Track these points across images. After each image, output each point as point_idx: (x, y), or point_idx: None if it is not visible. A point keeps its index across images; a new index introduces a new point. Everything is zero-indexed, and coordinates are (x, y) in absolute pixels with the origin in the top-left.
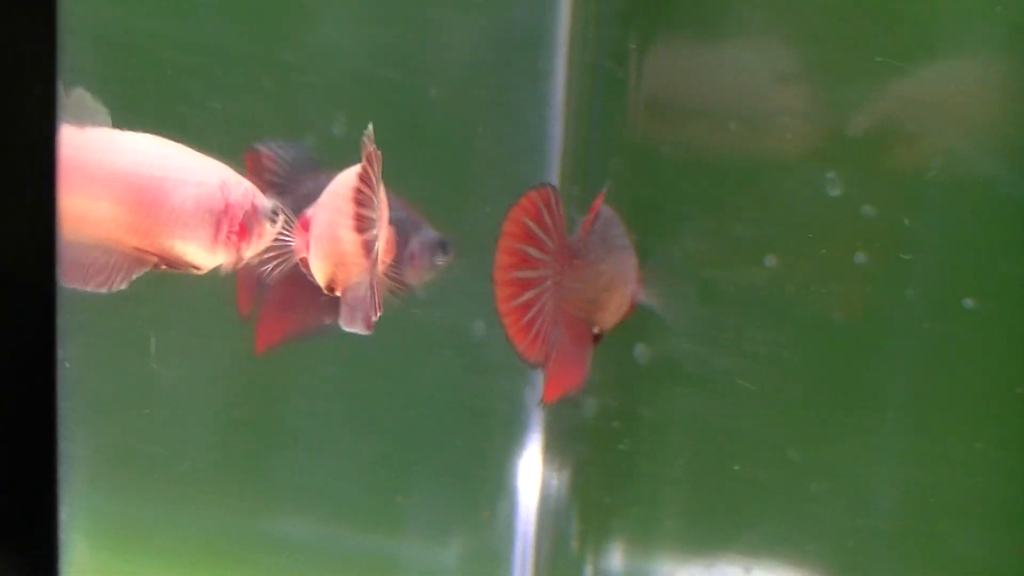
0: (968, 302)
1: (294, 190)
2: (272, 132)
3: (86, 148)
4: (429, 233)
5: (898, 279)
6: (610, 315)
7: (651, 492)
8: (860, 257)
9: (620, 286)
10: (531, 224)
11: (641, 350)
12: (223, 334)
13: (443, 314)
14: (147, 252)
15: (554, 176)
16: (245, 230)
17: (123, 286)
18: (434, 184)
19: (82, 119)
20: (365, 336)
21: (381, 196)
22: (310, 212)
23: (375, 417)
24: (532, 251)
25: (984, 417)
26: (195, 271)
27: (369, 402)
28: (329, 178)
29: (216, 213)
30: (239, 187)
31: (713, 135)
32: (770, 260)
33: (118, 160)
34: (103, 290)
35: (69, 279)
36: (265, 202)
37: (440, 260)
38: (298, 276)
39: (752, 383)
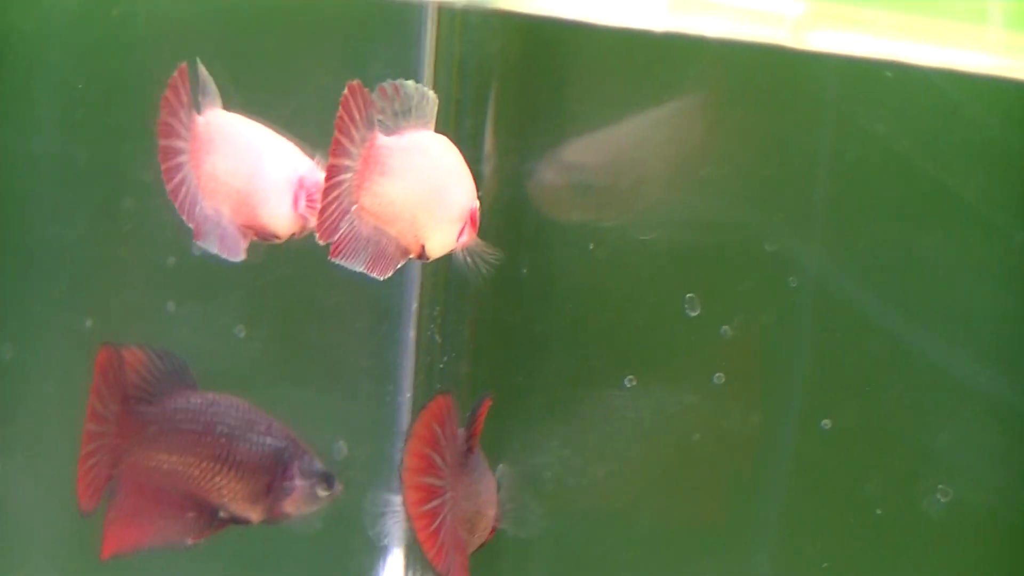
0: (826, 423)
1: (161, 404)
2: None
3: (215, 133)
4: (313, 464)
5: (756, 399)
6: (477, 538)
7: None
8: (719, 377)
9: (488, 509)
10: (438, 430)
11: (503, 470)
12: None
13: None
14: (247, 227)
15: (413, 301)
16: (313, 201)
17: (243, 255)
18: None
19: (206, 99)
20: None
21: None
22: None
23: (226, 537)
24: (437, 459)
25: (844, 537)
26: (276, 240)
27: None
28: (203, 399)
29: (294, 185)
30: (307, 163)
31: (573, 257)
32: (630, 380)
33: (237, 147)
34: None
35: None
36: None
37: (323, 492)
38: (156, 487)
39: (613, 503)
